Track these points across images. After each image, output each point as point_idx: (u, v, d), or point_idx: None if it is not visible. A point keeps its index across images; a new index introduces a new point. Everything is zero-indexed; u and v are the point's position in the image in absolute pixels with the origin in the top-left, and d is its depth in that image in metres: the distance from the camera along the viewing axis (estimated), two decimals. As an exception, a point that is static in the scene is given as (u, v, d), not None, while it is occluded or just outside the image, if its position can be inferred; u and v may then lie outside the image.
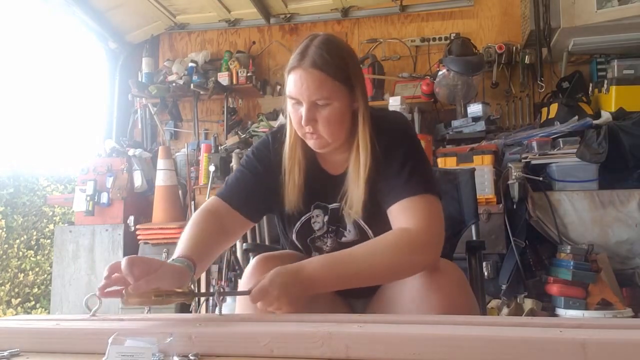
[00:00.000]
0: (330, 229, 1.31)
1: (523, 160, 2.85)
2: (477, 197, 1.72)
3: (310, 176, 1.28)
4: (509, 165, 2.82)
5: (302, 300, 1.06)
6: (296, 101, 1.19)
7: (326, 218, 1.30)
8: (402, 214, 1.15)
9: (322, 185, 1.29)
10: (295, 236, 1.33)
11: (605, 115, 2.97)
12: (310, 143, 1.23)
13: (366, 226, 1.26)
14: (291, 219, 1.32)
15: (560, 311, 2.55)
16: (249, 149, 1.39)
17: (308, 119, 1.17)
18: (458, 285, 1.13)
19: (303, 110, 1.17)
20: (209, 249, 1.20)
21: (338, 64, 1.16)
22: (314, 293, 1.08)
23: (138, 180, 3.45)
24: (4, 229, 4.33)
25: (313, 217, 1.30)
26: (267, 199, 1.30)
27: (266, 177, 1.29)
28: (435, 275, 1.11)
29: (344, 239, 1.30)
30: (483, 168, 2.78)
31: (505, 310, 2.55)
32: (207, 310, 3.03)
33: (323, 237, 1.31)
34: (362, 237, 1.27)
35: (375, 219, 1.24)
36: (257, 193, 1.29)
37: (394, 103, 3.23)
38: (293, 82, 1.17)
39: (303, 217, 1.30)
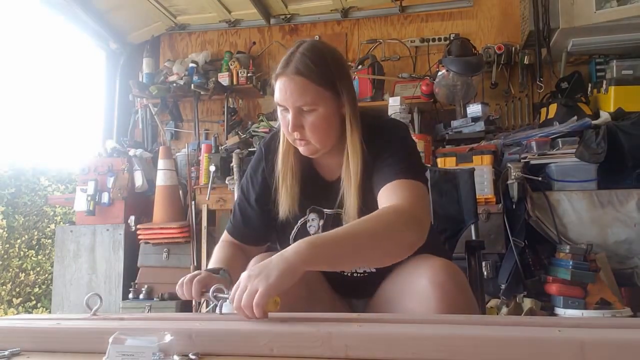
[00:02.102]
0: None
1: (522, 160, 2.85)
2: (477, 197, 1.72)
3: (305, 181, 1.29)
4: (508, 165, 2.83)
5: (291, 281, 0.94)
6: (283, 108, 1.20)
7: (321, 222, 1.30)
8: (389, 194, 1.14)
9: (318, 190, 1.30)
10: (292, 242, 1.33)
11: (604, 116, 2.97)
12: (301, 149, 1.24)
13: None
14: (287, 224, 1.32)
15: (559, 311, 2.55)
16: (247, 170, 1.42)
17: (294, 125, 1.18)
18: (458, 285, 1.13)
19: (289, 116, 1.18)
20: (239, 265, 1.27)
21: (322, 70, 1.17)
22: (299, 273, 0.95)
23: (139, 180, 3.46)
24: (5, 229, 4.34)
25: (309, 220, 1.31)
26: (269, 219, 1.35)
27: (263, 200, 1.34)
28: (435, 275, 1.11)
29: None
30: (482, 168, 2.78)
31: (504, 309, 2.55)
32: (207, 310, 3.04)
33: None
34: None
35: None
36: (259, 221, 1.36)
37: (393, 103, 3.23)
38: (278, 89, 1.20)
39: (299, 222, 1.31)
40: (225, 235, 1.42)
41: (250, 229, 1.37)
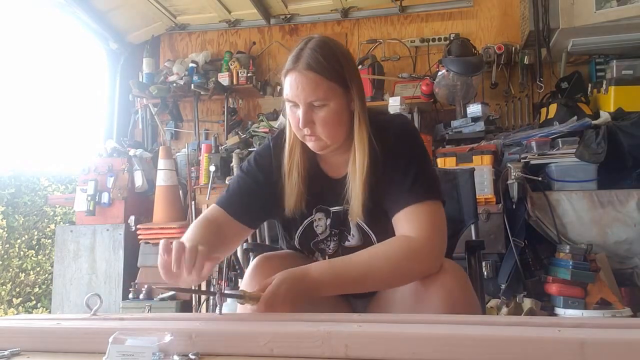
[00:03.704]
0: (333, 233, 1.31)
1: (522, 160, 2.85)
2: (477, 197, 1.72)
3: (311, 179, 1.28)
4: (508, 165, 2.83)
5: (303, 302, 1.08)
6: (293, 104, 1.19)
7: (328, 221, 1.30)
8: (405, 222, 1.16)
9: (324, 188, 1.29)
10: (297, 241, 1.33)
11: (604, 116, 2.97)
12: (310, 145, 1.23)
13: (370, 230, 1.26)
14: (292, 222, 1.32)
15: (559, 311, 2.55)
16: (250, 155, 1.39)
17: (305, 121, 1.17)
18: (460, 284, 1.13)
19: (300, 112, 1.17)
20: (212, 251, 1.19)
21: (332, 65, 1.16)
22: (316, 296, 1.12)
23: (139, 180, 3.46)
24: (5, 229, 4.33)
25: (315, 220, 1.30)
26: (267, 205, 1.32)
27: (266, 184, 1.30)
28: (437, 274, 1.11)
29: (347, 244, 1.30)
30: (482, 168, 2.78)
31: (504, 309, 2.55)
32: (207, 310, 3.04)
33: (326, 240, 1.31)
34: (365, 242, 1.27)
35: (378, 223, 1.24)
36: (256, 200, 1.30)
37: (393, 103, 3.23)
38: (289, 85, 1.18)
39: (305, 221, 1.31)
40: (210, 210, 1.30)
41: (244, 205, 1.30)
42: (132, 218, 3.37)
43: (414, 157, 1.22)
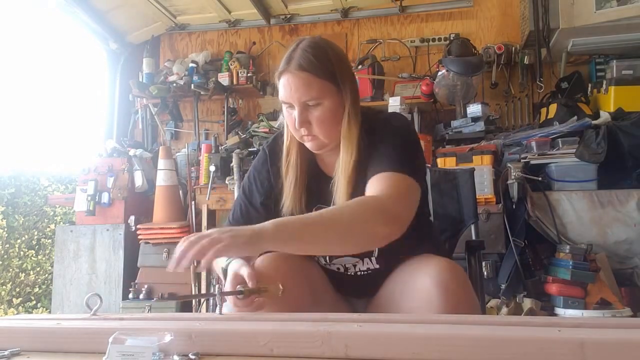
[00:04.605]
0: None
1: (522, 160, 2.85)
2: (477, 197, 1.72)
3: (310, 179, 1.29)
4: (508, 165, 2.83)
5: (251, 253, 1.02)
6: (289, 105, 1.21)
7: None
8: (374, 185, 1.13)
9: (322, 187, 1.29)
10: None
11: (604, 116, 2.97)
12: (308, 145, 1.24)
13: None
14: None
15: (559, 311, 2.55)
16: (249, 169, 1.40)
17: (301, 121, 1.18)
18: (461, 284, 1.13)
19: (296, 113, 1.18)
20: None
21: (324, 64, 1.17)
22: (261, 249, 1.01)
23: (139, 180, 3.46)
24: (5, 229, 4.33)
25: None
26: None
27: (266, 204, 1.32)
28: (438, 274, 1.11)
29: None
30: (482, 168, 2.78)
31: (504, 309, 2.55)
32: (207, 310, 3.04)
33: None
34: None
35: None
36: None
37: (393, 103, 3.24)
38: (283, 87, 1.20)
39: None
40: None
41: None
42: (132, 218, 3.37)
43: (399, 140, 1.21)
